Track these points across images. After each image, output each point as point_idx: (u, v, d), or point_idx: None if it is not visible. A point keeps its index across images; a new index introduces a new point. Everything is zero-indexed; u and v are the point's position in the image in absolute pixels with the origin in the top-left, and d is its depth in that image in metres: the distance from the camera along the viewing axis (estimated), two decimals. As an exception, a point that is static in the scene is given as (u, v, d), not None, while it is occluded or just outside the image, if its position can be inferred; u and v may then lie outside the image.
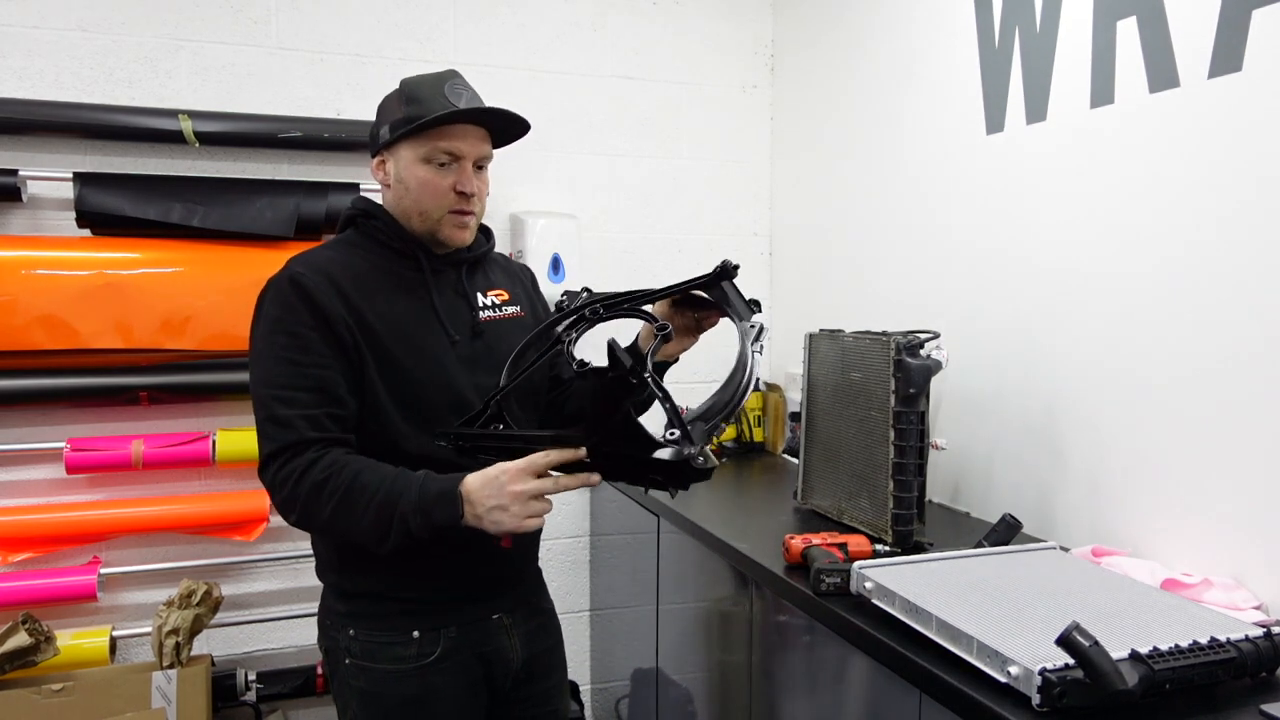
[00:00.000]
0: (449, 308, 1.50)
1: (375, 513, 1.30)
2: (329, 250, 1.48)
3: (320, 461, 1.32)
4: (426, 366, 1.44)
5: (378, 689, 1.46)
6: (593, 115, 2.86)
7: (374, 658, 1.46)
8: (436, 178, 1.43)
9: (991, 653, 1.16)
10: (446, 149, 1.43)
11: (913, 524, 1.76)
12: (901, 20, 2.34)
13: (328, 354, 1.37)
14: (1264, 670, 1.17)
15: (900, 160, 2.35)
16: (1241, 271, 1.48)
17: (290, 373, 1.35)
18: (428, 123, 1.40)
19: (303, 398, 1.35)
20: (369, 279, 1.44)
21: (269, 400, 1.35)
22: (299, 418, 1.34)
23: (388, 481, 1.31)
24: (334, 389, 1.37)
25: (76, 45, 2.38)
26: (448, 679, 1.48)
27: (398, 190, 1.46)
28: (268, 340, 1.38)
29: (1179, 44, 1.57)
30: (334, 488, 1.30)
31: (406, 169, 1.44)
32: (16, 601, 2.25)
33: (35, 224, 2.37)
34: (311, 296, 1.37)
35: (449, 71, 1.48)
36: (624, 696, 2.67)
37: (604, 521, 2.85)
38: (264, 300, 1.42)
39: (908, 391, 1.72)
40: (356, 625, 1.47)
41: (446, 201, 1.45)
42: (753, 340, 1.39)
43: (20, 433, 2.38)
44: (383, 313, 1.42)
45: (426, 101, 1.42)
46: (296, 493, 1.32)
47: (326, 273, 1.41)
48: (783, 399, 2.91)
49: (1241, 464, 1.49)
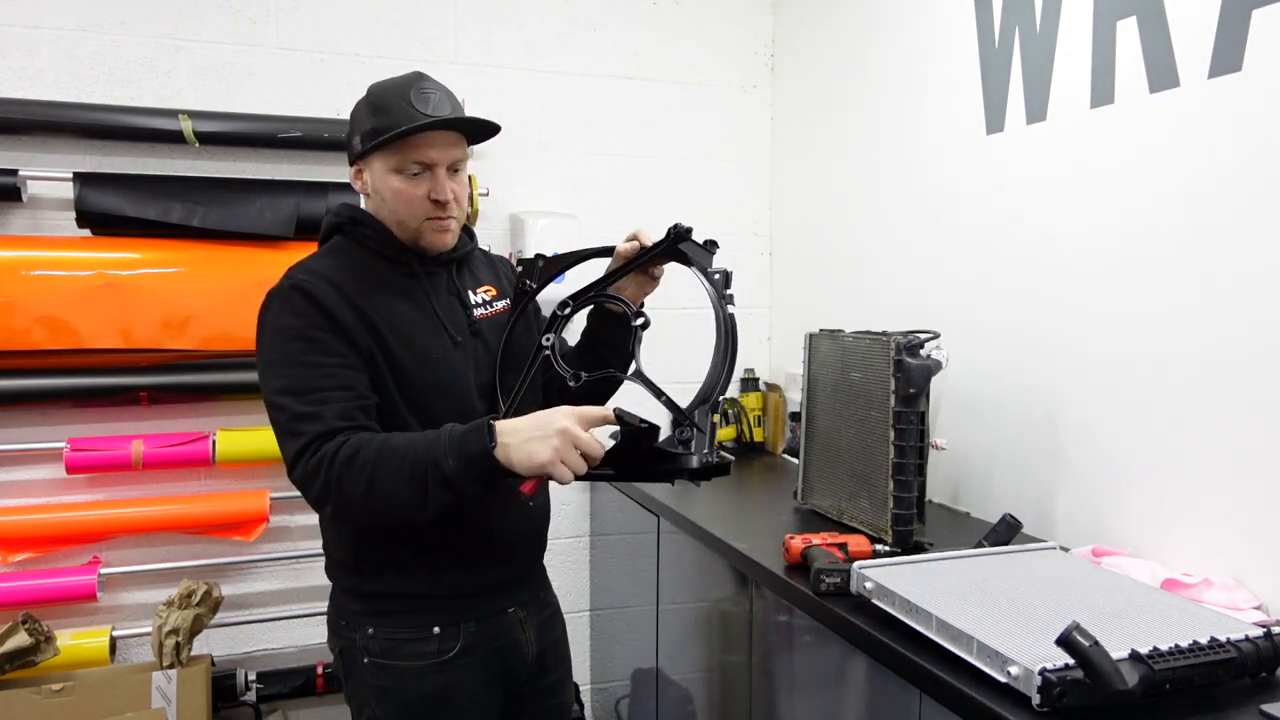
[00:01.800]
0: (446, 309, 1.50)
1: (410, 470, 1.26)
2: (324, 259, 1.46)
3: (347, 442, 1.29)
4: (434, 369, 1.44)
5: (398, 685, 1.46)
6: (593, 115, 2.86)
7: (394, 655, 1.46)
8: (410, 188, 1.42)
9: (991, 653, 1.16)
10: (417, 159, 1.41)
11: (913, 524, 1.76)
12: (901, 20, 2.34)
13: (349, 353, 1.36)
14: (1264, 670, 1.17)
15: (900, 160, 2.35)
16: (1242, 271, 1.48)
17: (313, 375, 1.33)
18: (395, 135, 1.37)
19: (330, 395, 1.33)
20: (368, 284, 1.43)
21: (292, 404, 1.32)
22: (326, 411, 1.31)
23: (417, 439, 1.29)
24: (359, 384, 1.36)
25: (76, 45, 2.38)
26: (467, 674, 1.48)
27: (375, 200, 1.46)
28: (281, 349, 1.36)
29: (1179, 44, 1.57)
30: (364, 459, 1.27)
31: (380, 180, 1.43)
32: (16, 601, 2.25)
33: (35, 224, 2.37)
34: (320, 302, 1.36)
35: (415, 75, 1.44)
36: (624, 696, 2.67)
37: (604, 521, 2.85)
38: (268, 310, 1.39)
39: (908, 391, 1.72)
40: (375, 624, 1.47)
41: (422, 210, 1.44)
42: (721, 295, 1.42)
43: (20, 433, 2.38)
44: (388, 318, 1.41)
45: (393, 110, 1.39)
46: (330, 476, 1.28)
47: (329, 279, 1.39)
48: (783, 399, 2.91)
49: (1241, 464, 1.49)
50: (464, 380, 1.47)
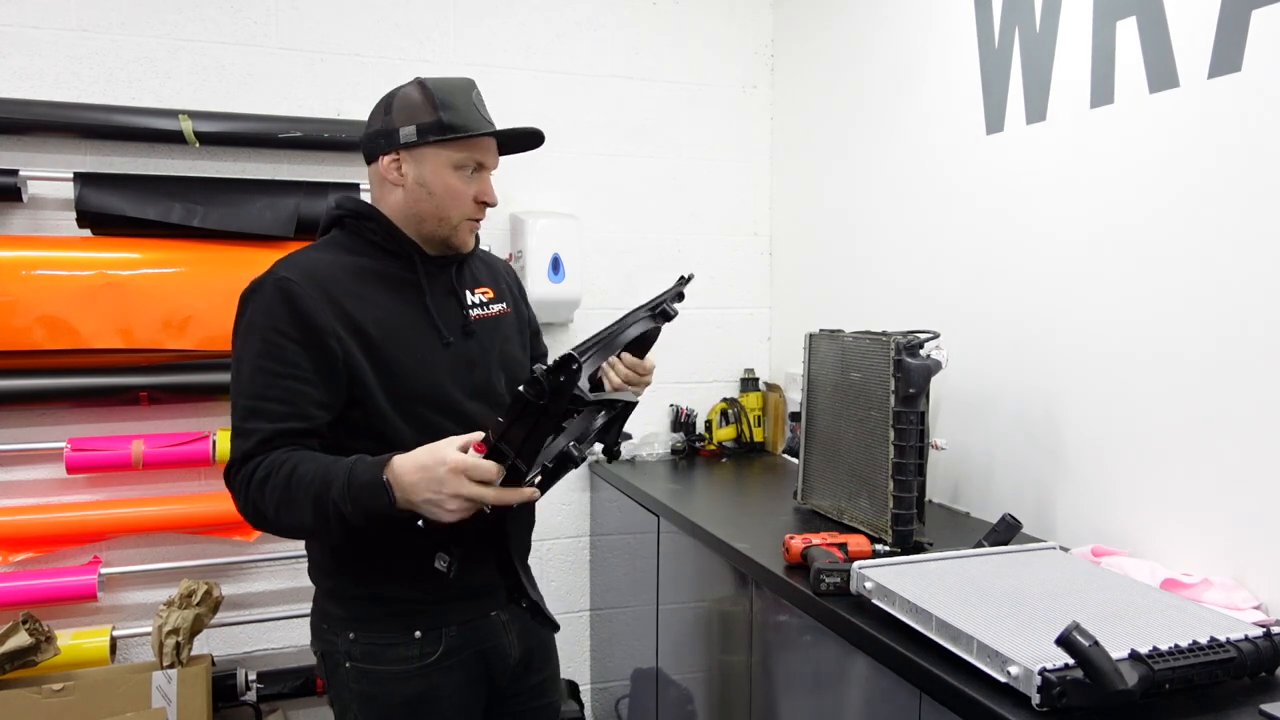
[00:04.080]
0: (441, 308, 1.48)
1: (313, 505, 1.26)
2: (316, 252, 1.45)
3: (262, 464, 1.30)
4: (419, 369, 1.43)
5: (380, 690, 1.45)
6: (593, 115, 2.86)
7: (376, 659, 1.45)
8: (463, 185, 1.45)
9: (991, 653, 1.16)
10: (480, 160, 1.46)
11: (913, 524, 1.76)
12: (901, 20, 2.34)
13: (305, 366, 1.34)
14: (1264, 670, 1.17)
15: (900, 160, 2.35)
16: (1242, 272, 1.48)
17: (262, 382, 1.33)
18: (470, 136, 1.42)
19: (270, 408, 1.32)
20: (360, 281, 1.42)
21: (239, 408, 1.34)
22: (260, 429, 1.32)
23: (321, 471, 1.27)
24: (302, 403, 1.34)
25: (76, 45, 2.38)
26: (450, 677, 1.48)
27: (416, 194, 1.44)
28: (245, 345, 1.37)
29: (1179, 44, 1.57)
30: (275, 484, 1.28)
31: (434, 174, 1.43)
32: (16, 601, 2.25)
33: (35, 224, 2.37)
34: (297, 304, 1.34)
35: (469, 80, 1.47)
36: (624, 696, 2.67)
37: (604, 521, 2.85)
38: (247, 302, 1.39)
39: (907, 391, 1.72)
40: (356, 628, 1.46)
41: (468, 209, 1.47)
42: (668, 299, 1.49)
43: (20, 433, 2.38)
44: (375, 317, 1.40)
45: (461, 110, 1.43)
46: (248, 496, 1.31)
47: (315, 277, 1.38)
48: (783, 399, 2.91)
49: (1242, 464, 1.49)
50: (451, 380, 1.46)
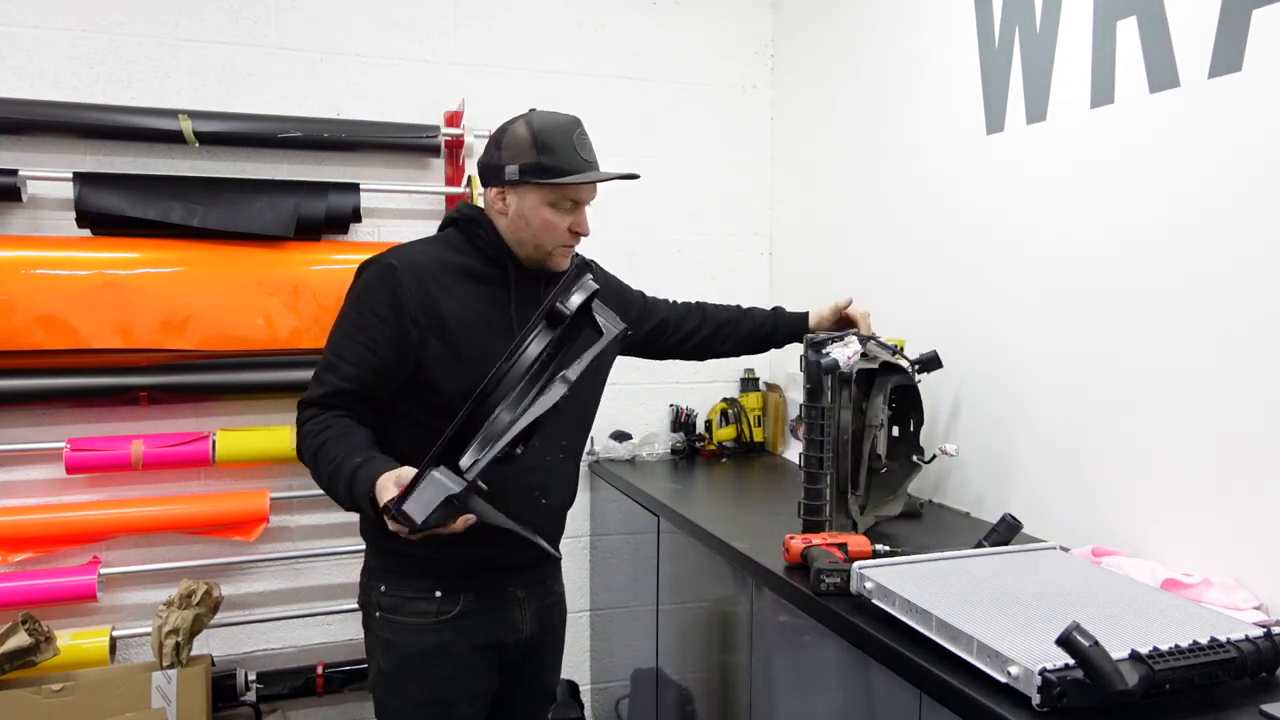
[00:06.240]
0: (522, 314, 1.60)
1: (327, 481, 1.47)
2: (426, 245, 1.64)
3: (316, 419, 1.51)
4: (483, 363, 1.47)
5: (400, 639, 1.62)
6: (593, 115, 2.83)
7: (398, 611, 1.62)
8: (558, 219, 1.58)
9: (991, 653, 1.16)
10: (574, 198, 1.58)
11: (822, 515, 1.81)
12: (901, 20, 2.34)
13: (383, 343, 1.53)
14: (1264, 670, 1.17)
15: (900, 160, 2.35)
16: (1242, 272, 1.48)
17: (345, 344, 1.55)
18: (566, 183, 1.54)
19: (343, 369, 1.53)
20: (454, 277, 1.58)
21: (324, 359, 1.56)
22: (330, 381, 1.53)
23: (339, 458, 1.44)
24: (368, 373, 1.53)
25: (76, 45, 2.38)
26: (461, 636, 1.62)
27: (516, 223, 1.59)
28: (348, 308, 1.58)
29: (1179, 44, 1.57)
30: (311, 445, 1.49)
31: (531, 209, 1.57)
32: (16, 601, 2.25)
33: (35, 224, 2.36)
34: (395, 285, 1.53)
35: (573, 120, 1.58)
36: (624, 696, 2.67)
37: (604, 521, 2.85)
38: (360, 274, 1.59)
39: (807, 386, 1.82)
40: (386, 581, 1.64)
41: (563, 239, 1.61)
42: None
43: (20, 433, 2.37)
44: (457, 310, 1.55)
45: (560, 153, 1.54)
46: (301, 440, 1.53)
47: (415, 266, 1.56)
48: (783, 399, 2.91)
49: (1242, 464, 1.49)
50: None
